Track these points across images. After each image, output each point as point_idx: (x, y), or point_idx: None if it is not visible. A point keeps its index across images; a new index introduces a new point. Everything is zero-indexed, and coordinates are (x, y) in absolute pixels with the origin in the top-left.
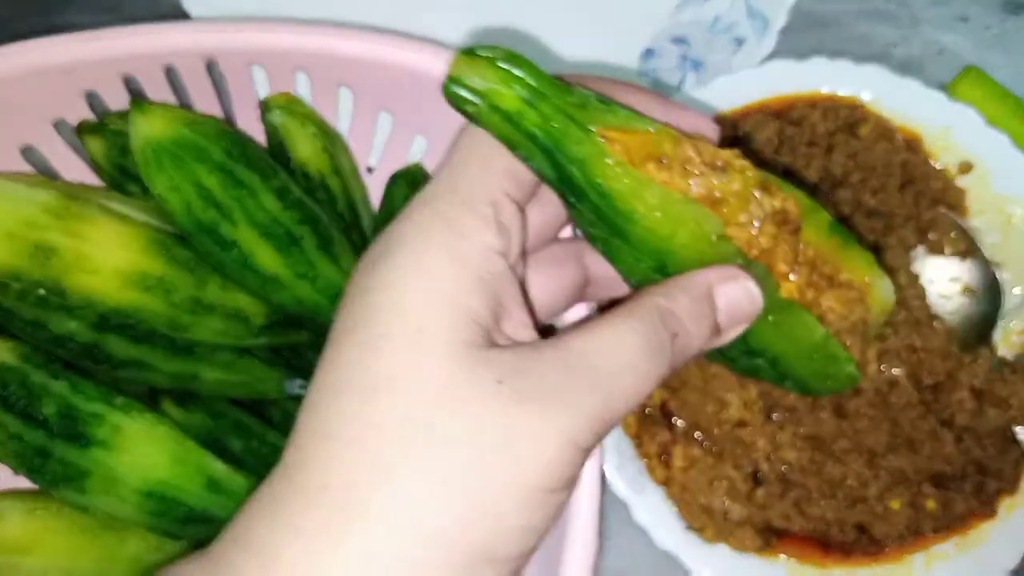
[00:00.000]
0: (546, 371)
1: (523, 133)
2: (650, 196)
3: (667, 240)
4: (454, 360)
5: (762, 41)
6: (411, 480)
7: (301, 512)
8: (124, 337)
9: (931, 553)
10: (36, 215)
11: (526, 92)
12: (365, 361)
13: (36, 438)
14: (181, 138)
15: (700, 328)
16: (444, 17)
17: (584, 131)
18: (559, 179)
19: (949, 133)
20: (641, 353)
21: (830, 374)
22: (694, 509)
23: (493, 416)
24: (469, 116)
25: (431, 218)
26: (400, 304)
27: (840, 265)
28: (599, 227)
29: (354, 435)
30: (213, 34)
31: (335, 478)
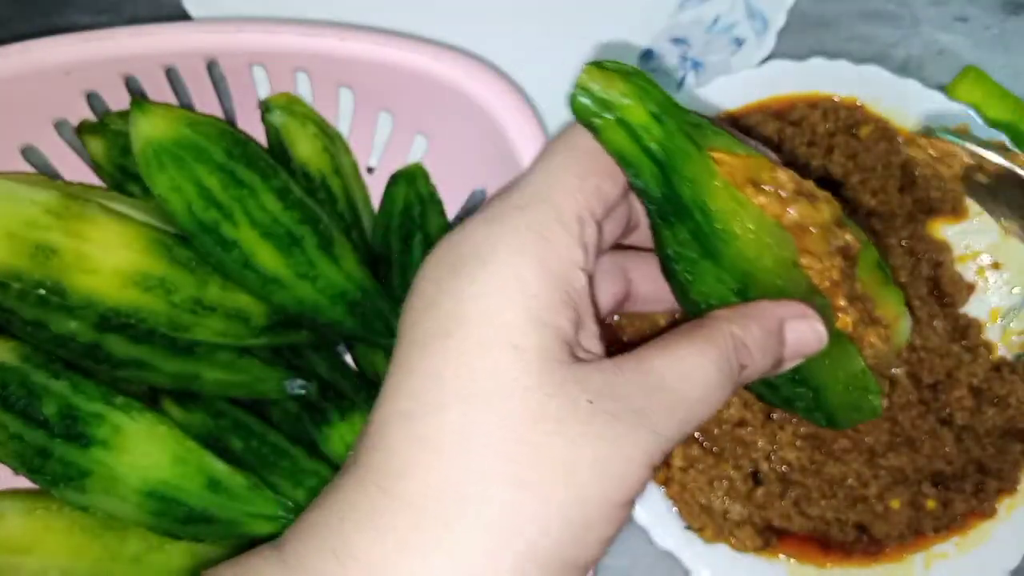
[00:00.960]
0: (631, 392)
1: (642, 148)
2: (747, 218)
3: (754, 262)
4: (549, 378)
5: (762, 41)
6: (515, 497)
7: (407, 525)
8: (125, 337)
9: (931, 553)
10: (37, 215)
11: (656, 108)
12: (464, 373)
13: (36, 438)
14: (182, 138)
15: (765, 361)
16: (444, 18)
17: (699, 151)
18: (665, 197)
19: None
20: (716, 384)
21: (858, 406)
22: (694, 509)
23: (587, 437)
24: (592, 128)
25: (525, 229)
26: (498, 318)
27: (879, 301)
28: (690, 247)
29: (460, 448)
30: (214, 35)
31: (441, 491)
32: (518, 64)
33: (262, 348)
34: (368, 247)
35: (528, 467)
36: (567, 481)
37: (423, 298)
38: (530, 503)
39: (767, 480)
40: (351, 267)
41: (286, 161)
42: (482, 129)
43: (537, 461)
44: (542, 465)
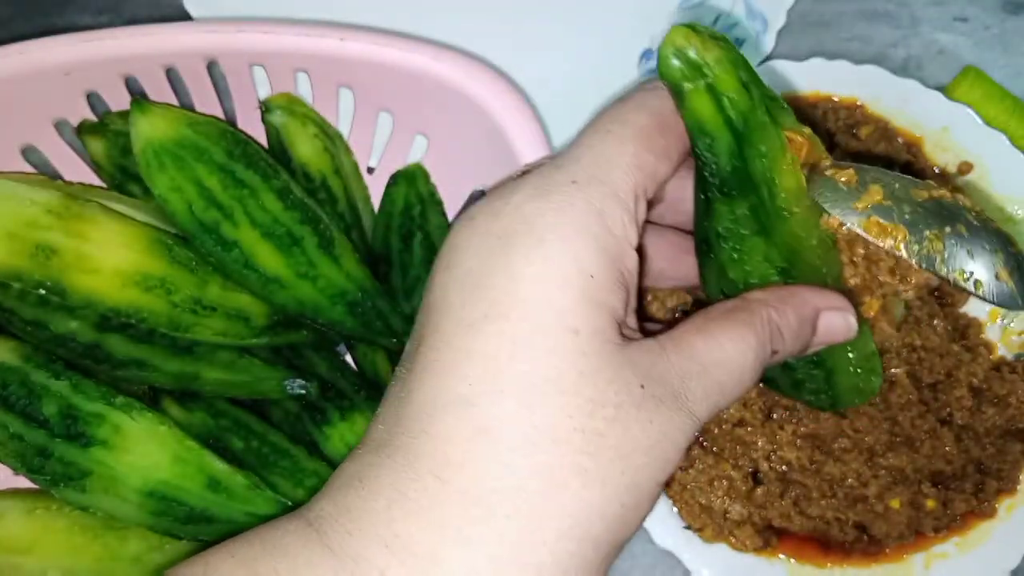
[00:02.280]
0: (674, 376)
1: (724, 118)
2: (805, 197)
3: (803, 241)
4: (607, 363)
5: (761, 42)
6: (578, 487)
7: (468, 519)
8: (125, 337)
9: (931, 553)
10: (37, 215)
11: (746, 76)
12: (523, 359)
13: (37, 438)
14: (182, 138)
15: (795, 346)
16: (444, 18)
17: (776, 125)
18: (734, 170)
19: (948, 133)
20: (750, 368)
21: (861, 388)
22: (694, 508)
23: (640, 423)
24: (679, 92)
25: (584, 206)
26: (557, 302)
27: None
28: (746, 224)
29: (522, 440)
30: (214, 35)
31: (504, 483)
32: (518, 64)
33: (262, 348)
34: (368, 247)
35: (589, 456)
36: (624, 467)
37: (468, 273)
38: (591, 491)
39: (767, 480)
40: (351, 267)
41: (286, 161)
42: (482, 129)
43: (597, 449)
44: (601, 453)
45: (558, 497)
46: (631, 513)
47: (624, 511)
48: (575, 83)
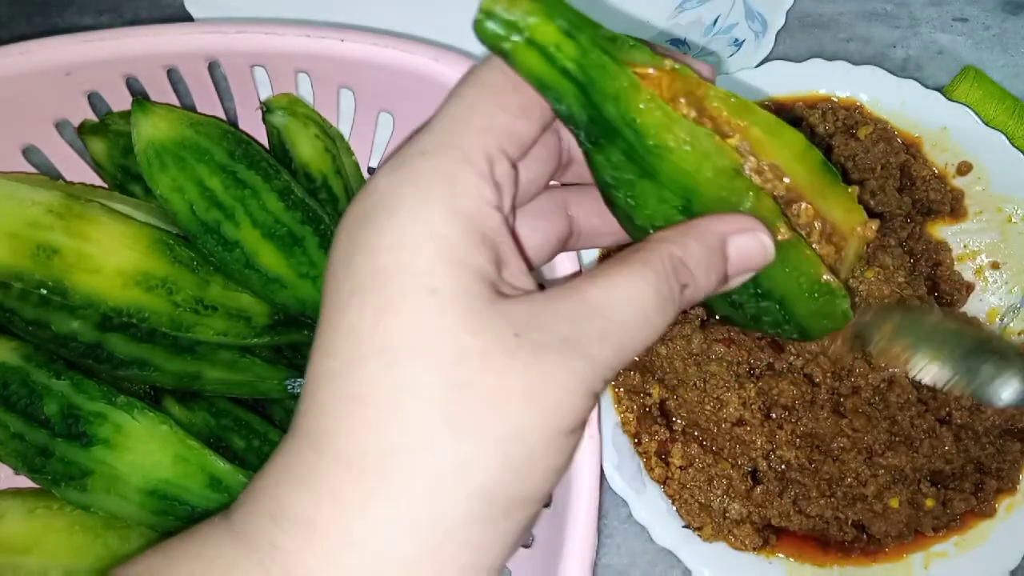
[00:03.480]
0: (560, 322)
1: (559, 69)
2: (680, 130)
3: (694, 175)
4: (470, 318)
5: (761, 42)
6: (448, 440)
7: (343, 483)
8: (126, 337)
9: (930, 552)
10: (38, 215)
11: (566, 23)
12: (383, 325)
13: (38, 437)
14: (184, 139)
15: (709, 279)
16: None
17: (619, 65)
18: (591, 119)
19: (948, 134)
20: (653, 306)
21: (827, 313)
22: (693, 507)
23: (515, 369)
24: (502, 53)
25: (430, 174)
26: (411, 265)
27: (829, 202)
28: (626, 169)
29: (386, 400)
30: (215, 35)
31: (373, 444)
32: None
33: (264, 347)
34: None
35: (458, 407)
36: (499, 416)
37: (337, 258)
38: (465, 443)
39: (766, 479)
40: None
41: (288, 162)
42: None
43: (466, 400)
44: (471, 403)
45: (429, 452)
46: (524, 464)
47: (512, 461)
48: None
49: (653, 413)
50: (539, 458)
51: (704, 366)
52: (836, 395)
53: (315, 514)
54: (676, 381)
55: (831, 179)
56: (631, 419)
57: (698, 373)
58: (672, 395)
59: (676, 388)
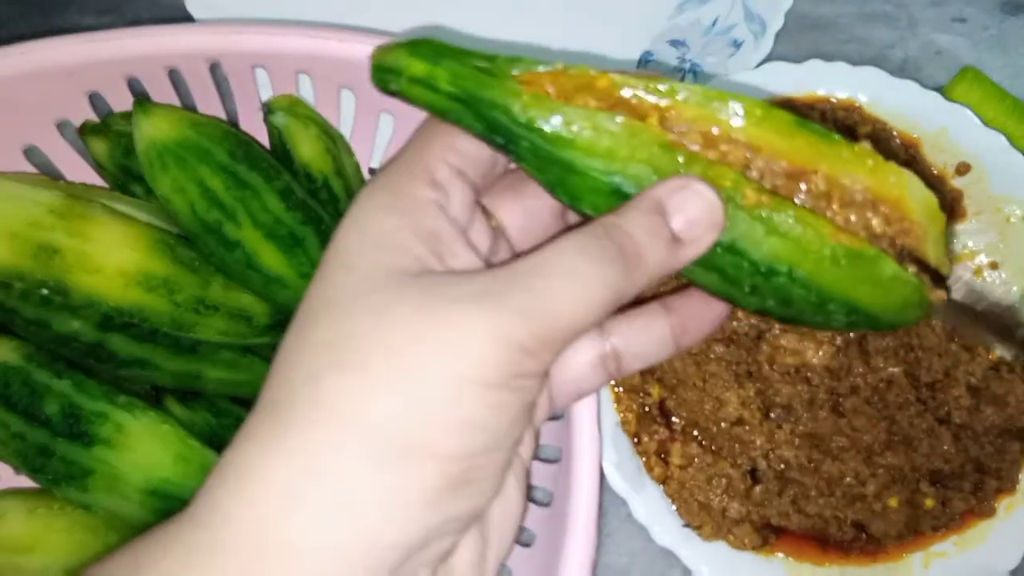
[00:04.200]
0: (479, 281)
1: (444, 95)
2: (581, 120)
3: (610, 159)
4: (381, 282)
5: (760, 43)
6: (344, 384)
7: (268, 437)
8: (128, 336)
9: (929, 552)
10: (40, 215)
11: (432, 55)
12: (308, 294)
13: (39, 437)
14: (185, 139)
15: (653, 239)
16: (444, 20)
17: (494, 77)
18: (491, 129)
19: (947, 134)
20: (581, 258)
21: (895, 298)
22: (692, 506)
23: (413, 317)
24: (396, 95)
25: (372, 188)
26: (340, 253)
27: (842, 166)
28: (549, 169)
29: (296, 354)
30: (216, 36)
31: (281, 394)
32: None
33: (265, 347)
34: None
35: (356, 357)
36: (389, 357)
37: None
38: (362, 391)
39: (765, 478)
40: None
41: (289, 162)
42: None
43: (358, 346)
44: (363, 347)
45: (322, 396)
46: (424, 412)
47: (415, 408)
48: None
49: (653, 412)
50: (443, 406)
51: (704, 366)
52: (835, 395)
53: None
54: (676, 380)
55: (821, 138)
56: (631, 418)
57: (698, 373)
58: (672, 394)
59: (676, 387)
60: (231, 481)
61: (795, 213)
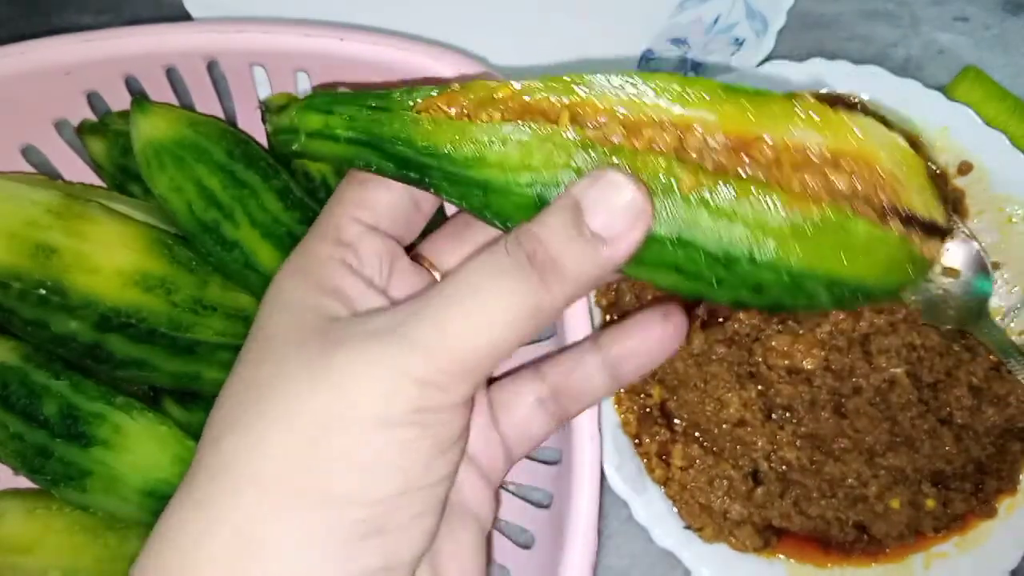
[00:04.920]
0: (377, 317)
1: (344, 141)
2: (487, 135)
3: (528, 170)
4: (287, 338)
5: (761, 42)
6: (239, 444)
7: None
8: (125, 337)
9: (931, 553)
10: (37, 215)
11: (324, 105)
12: (233, 366)
13: (37, 438)
14: (183, 138)
15: (570, 242)
16: (444, 18)
17: (390, 112)
18: (399, 167)
19: (948, 133)
20: (483, 275)
21: (878, 261)
22: (694, 508)
23: (313, 359)
24: (298, 154)
25: (292, 254)
26: (259, 319)
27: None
28: (470, 194)
29: (214, 414)
30: (214, 35)
31: (196, 459)
32: (518, 65)
33: None
34: None
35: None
36: (287, 407)
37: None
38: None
39: (767, 480)
40: None
41: (287, 161)
42: None
43: (256, 400)
44: (260, 402)
45: (222, 458)
46: (324, 451)
47: (308, 449)
48: None
49: (654, 414)
50: (339, 447)
51: (705, 367)
52: (837, 396)
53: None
54: (677, 382)
55: (754, 100)
56: (632, 420)
57: (699, 374)
58: (673, 396)
59: (677, 389)
60: (154, 551)
61: (739, 187)
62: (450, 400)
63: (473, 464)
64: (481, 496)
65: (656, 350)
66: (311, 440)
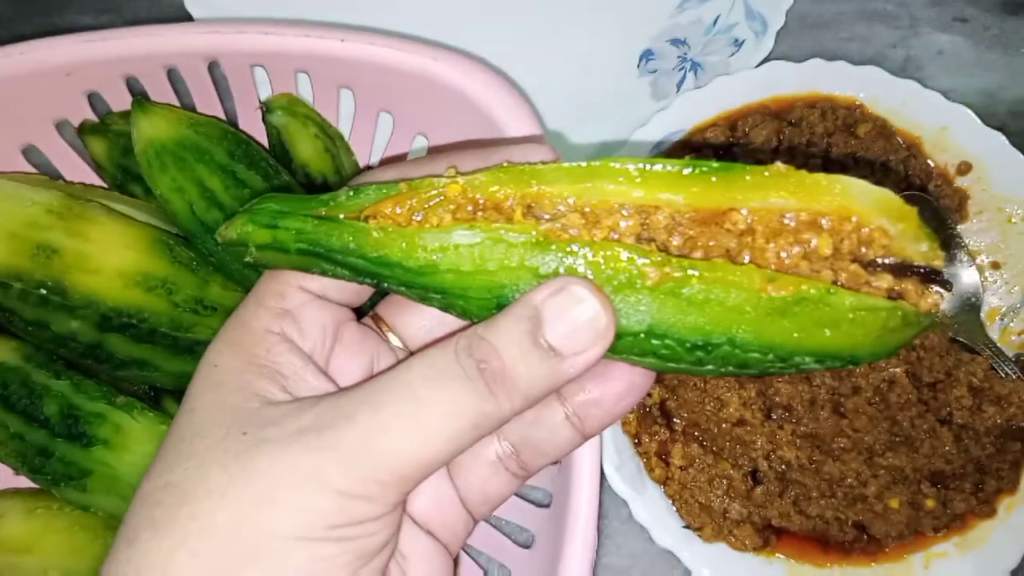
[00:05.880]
0: (305, 414)
1: (295, 252)
2: (437, 243)
3: (484, 275)
4: (211, 426)
5: (761, 42)
6: (149, 548)
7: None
8: (126, 337)
9: (930, 552)
10: (38, 215)
11: (268, 218)
12: (162, 442)
13: (38, 437)
14: (183, 139)
15: (525, 353)
16: (443, 18)
17: (337, 223)
18: (355, 272)
19: (947, 133)
20: (424, 380)
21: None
22: (693, 508)
23: (231, 462)
24: (251, 265)
25: (229, 320)
26: (190, 394)
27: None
28: (430, 297)
29: (133, 504)
30: (215, 35)
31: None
32: (517, 65)
33: None
34: None
35: (163, 508)
36: (194, 515)
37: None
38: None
39: (766, 479)
40: None
41: (287, 161)
42: (481, 129)
43: (172, 500)
44: (174, 504)
45: (133, 560)
46: (231, 568)
47: (212, 566)
48: (575, 83)
49: (653, 413)
50: (246, 565)
51: None
52: (836, 395)
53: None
54: (676, 381)
55: (722, 175)
56: (631, 419)
57: None
58: (672, 395)
59: (676, 388)
60: None
61: (709, 270)
62: (375, 511)
63: (426, 536)
64: (435, 570)
65: (626, 394)
66: (219, 559)
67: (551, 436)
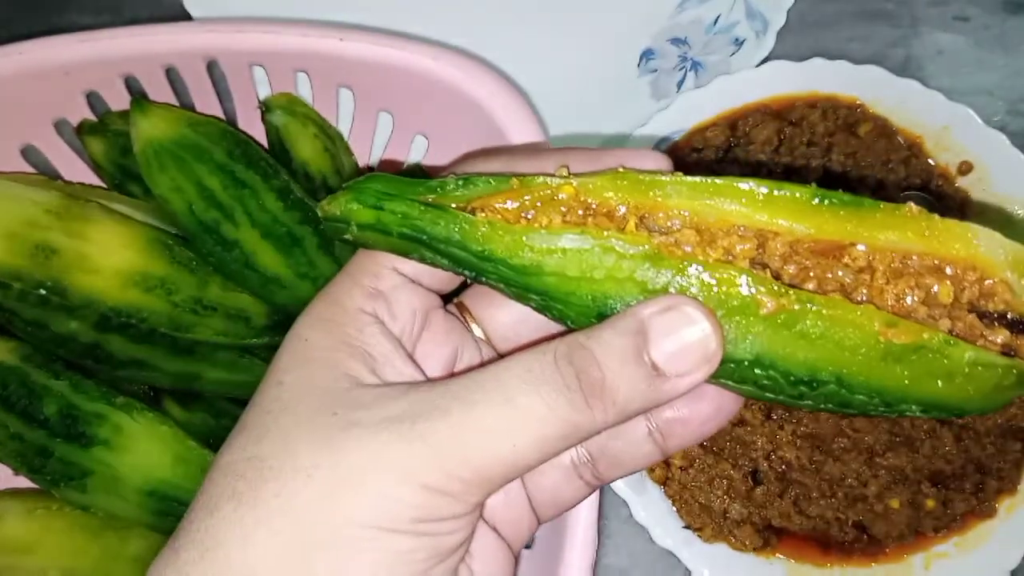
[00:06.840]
0: (397, 401)
1: (397, 236)
2: (547, 245)
3: (590, 283)
4: (300, 401)
5: (761, 42)
6: (231, 519)
7: (165, 554)
8: (125, 337)
9: (931, 553)
10: (37, 215)
11: (374, 199)
12: (245, 411)
13: (37, 438)
14: (183, 139)
15: (627, 368)
16: (443, 18)
17: (444, 212)
18: (455, 263)
19: (948, 133)
20: (522, 384)
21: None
22: (693, 508)
23: (319, 442)
24: (350, 242)
25: (319, 294)
26: (277, 366)
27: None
28: (528, 297)
29: (213, 473)
30: (214, 35)
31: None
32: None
33: (263, 347)
34: None
35: (247, 480)
36: (279, 492)
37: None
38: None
39: (766, 479)
40: None
41: (287, 161)
42: (481, 129)
43: (256, 474)
44: (258, 478)
45: (213, 531)
46: (308, 552)
47: (291, 547)
48: (575, 83)
49: None
50: (324, 550)
51: None
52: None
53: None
54: None
55: (851, 208)
56: None
57: None
58: None
59: None
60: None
61: (827, 312)
62: (457, 510)
63: (492, 533)
64: (499, 569)
65: (713, 416)
66: (298, 540)
67: (631, 449)
